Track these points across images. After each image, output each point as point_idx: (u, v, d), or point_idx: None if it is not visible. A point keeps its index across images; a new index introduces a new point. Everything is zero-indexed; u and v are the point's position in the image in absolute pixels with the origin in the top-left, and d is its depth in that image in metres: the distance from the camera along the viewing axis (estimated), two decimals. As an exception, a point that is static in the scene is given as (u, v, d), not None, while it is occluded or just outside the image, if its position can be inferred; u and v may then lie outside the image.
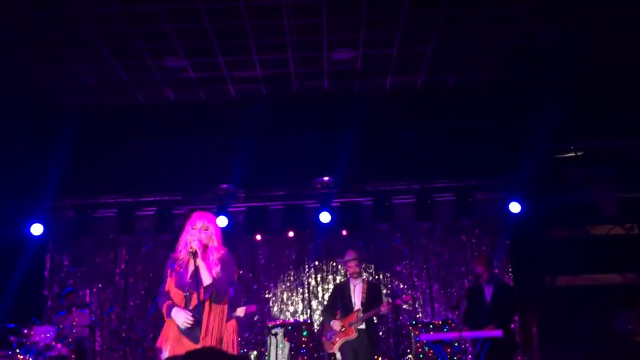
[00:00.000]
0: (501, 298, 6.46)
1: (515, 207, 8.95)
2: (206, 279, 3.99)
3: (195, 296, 4.01)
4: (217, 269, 4.07)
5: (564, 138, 8.92)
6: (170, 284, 4.17)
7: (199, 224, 4.17)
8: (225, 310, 4.16)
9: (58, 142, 8.20)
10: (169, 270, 4.21)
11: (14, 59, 7.65)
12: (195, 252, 4.02)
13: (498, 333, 5.86)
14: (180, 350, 3.96)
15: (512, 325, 7.87)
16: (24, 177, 8.46)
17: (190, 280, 4.04)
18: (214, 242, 4.17)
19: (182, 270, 4.13)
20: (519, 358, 8.25)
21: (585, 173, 9.12)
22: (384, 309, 6.45)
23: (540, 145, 8.45)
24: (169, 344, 4.15)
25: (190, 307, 4.03)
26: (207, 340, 4.00)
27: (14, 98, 8.50)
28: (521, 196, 8.99)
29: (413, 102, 9.00)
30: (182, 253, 4.18)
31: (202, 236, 4.11)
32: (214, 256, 4.12)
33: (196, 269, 4.01)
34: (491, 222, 9.51)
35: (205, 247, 4.09)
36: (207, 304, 4.03)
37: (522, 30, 7.48)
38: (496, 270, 9.31)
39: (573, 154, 9.21)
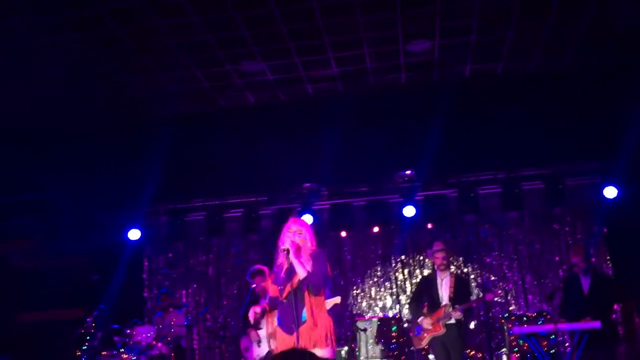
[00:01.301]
0: (599, 289, 6.16)
1: (611, 192, 8.51)
2: (301, 273, 4.34)
3: (288, 287, 4.35)
4: (310, 264, 4.40)
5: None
6: (268, 283, 4.67)
7: (293, 228, 4.55)
8: (324, 302, 4.51)
9: (149, 150, 8.62)
10: (266, 272, 4.58)
11: (105, 75, 8.11)
12: (288, 249, 4.36)
13: (596, 324, 5.59)
14: (279, 345, 4.44)
15: (614, 317, 7.50)
16: (120, 186, 8.94)
17: (284, 276, 4.41)
18: (307, 244, 4.51)
19: (277, 270, 4.54)
20: (622, 350, 7.83)
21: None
22: (475, 304, 6.28)
23: (635, 126, 7.98)
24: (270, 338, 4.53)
25: (284, 298, 4.39)
26: (303, 330, 4.24)
27: (108, 112, 9.02)
28: (617, 180, 8.53)
29: (494, 89, 8.77)
30: (279, 257, 4.57)
31: (296, 238, 4.47)
32: (307, 254, 4.46)
33: (290, 266, 4.35)
34: (585, 208, 9.09)
35: (298, 248, 4.43)
36: (306, 294, 4.37)
37: (607, 12, 7.12)
38: (593, 259, 8.89)
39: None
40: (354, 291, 9.70)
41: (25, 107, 8.55)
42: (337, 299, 6.13)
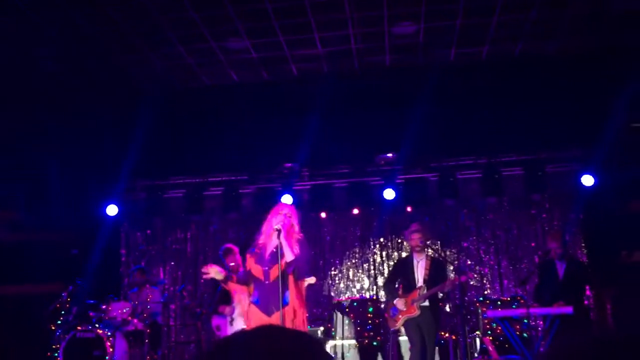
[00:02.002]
0: (574, 275, 6.27)
1: (588, 180, 8.61)
2: (288, 256, 4.44)
3: (275, 269, 4.41)
4: (297, 248, 4.52)
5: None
6: (250, 263, 4.66)
7: (284, 210, 4.68)
8: (304, 289, 4.61)
9: (130, 126, 8.52)
10: (247, 255, 4.73)
11: (91, 49, 7.97)
12: (280, 230, 4.48)
13: (568, 310, 5.69)
14: (255, 323, 4.39)
15: (586, 302, 7.63)
16: (101, 160, 8.86)
17: (269, 257, 4.48)
18: (295, 228, 4.66)
19: (260, 251, 4.60)
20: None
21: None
22: (448, 286, 6.36)
23: (614, 115, 8.06)
24: (243, 317, 4.55)
25: (270, 280, 4.43)
26: (285, 312, 4.30)
27: (92, 85, 8.88)
28: (595, 168, 8.63)
29: (478, 74, 8.77)
30: (262, 237, 4.67)
31: (286, 221, 4.59)
32: (294, 238, 4.59)
33: (279, 246, 4.44)
34: (563, 196, 9.20)
35: (288, 230, 4.56)
36: (290, 278, 4.46)
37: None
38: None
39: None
40: (332, 272, 9.75)
41: (16, 79, 8.38)
42: (312, 279, 6.16)
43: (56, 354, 6.83)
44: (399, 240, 9.64)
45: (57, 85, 8.61)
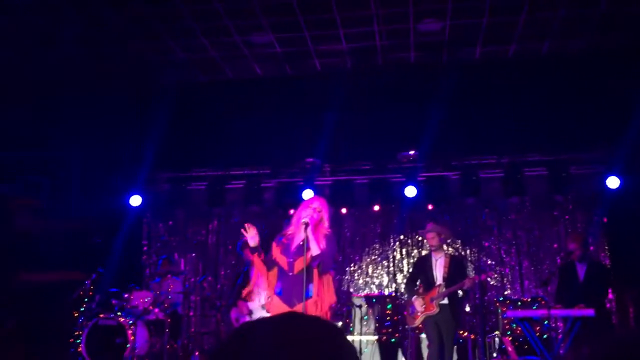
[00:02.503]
0: (595, 277, 6.21)
1: (613, 182, 8.50)
2: (314, 250, 4.44)
3: (300, 261, 4.42)
4: (323, 243, 4.52)
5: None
6: (275, 252, 4.66)
7: (315, 204, 4.66)
8: (330, 282, 4.62)
9: (154, 117, 8.60)
10: (274, 243, 4.72)
11: (115, 40, 8.06)
12: (307, 223, 4.46)
13: (589, 312, 5.64)
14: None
15: (608, 305, 7.55)
16: (125, 150, 8.95)
17: (295, 249, 4.49)
18: (325, 224, 4.64)
19: (287, 242, 4.59)
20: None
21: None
22: (467, 284, 6.35)
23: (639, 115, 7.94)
24: (262, 309, 4.59)
25: (294, 272, 4.46)
26: (308, 305, 4.32)
27: (117, 75, 8.97)
28: (620, 170, 8.51)
29: (504, 72, 8.69)
30: (291, 228, 4.67)
31: (315, 215, 4.58)
32: (322, 233, 4.57)
33: (305, 239, 4.42)
34: (586, 197, 9.09)
35: (316, 225, 4.54)
36: (315, 272, 4.46)
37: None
38: (592, 248, 8.91)
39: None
40: (352, 267, 9.76)
41: (37, 66, 8.51)
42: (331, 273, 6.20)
43: (79, 341, 6.95)
44: (419, 238, 9.61)
45: (79, 73, 8.72)
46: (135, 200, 9.21)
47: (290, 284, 4.49)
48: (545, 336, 7.00)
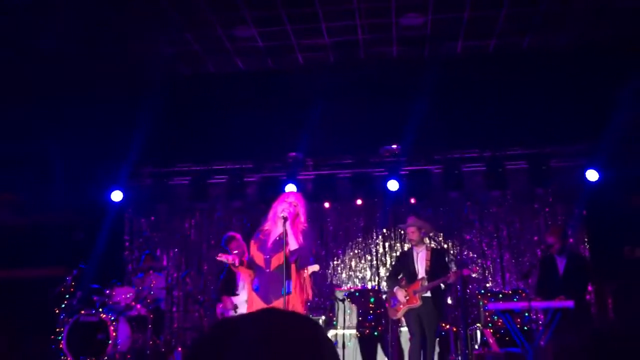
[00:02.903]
0: (574, 270, 6.28)
1: (592, 176, 8.60)
2: (293, 244, 4.42)
3: (276, 258, 4.42)
4: (300, 238, 4.50)
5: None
6: (253, 249, 4.64)
7: (291, 199, 4.65)
8: (305, 278, 4.59)
9: (137, 112, 8.53)
10: (252, 240, 4.70)
11: (97, 33, 7.97)
12: (286, 217, 4.45)
13: (569, 304, 5.72)
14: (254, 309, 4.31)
15: (588, 297, 7.65)
16: (106, 145, 8.86)
17: (272, 246, 4.47)
18: (301, 218, 4.62)
19: (264, 238, 4.57)
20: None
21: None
22: (451, 279, 6.40)
23: (620, 110, 8.04)
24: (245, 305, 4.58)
25: (271, 269, 4.43)
26: (288, 300, 4.31)
27: (98, 70, 8.87)
28: (600, 164, 8.61)
29: (484, 66, 8.75)
30: (267, 224, 4.64)
31: (292, 209, 4.56)
32: (299, 228, 4.56)
33: (283, 234, 4.41)
34: (567, 190, 9.20)
35: (293, 219, 4.51)
36: (293, 267, 4.44)
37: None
38: (571, 241, 9.02)
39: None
40: (335, 262, 9.79)
41: (20, 60, 8.39)
42: (316, 267, 6.19)
43: (60, 337, 6.89)
44: (402, 232, 9.66)
45: (61, 68, 8.61)
46: (117, 196, 9.14)
47: (266, 281, 4.47)
48: (526, 328, 7.08)
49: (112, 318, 7.01)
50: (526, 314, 6.96)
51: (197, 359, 1.03)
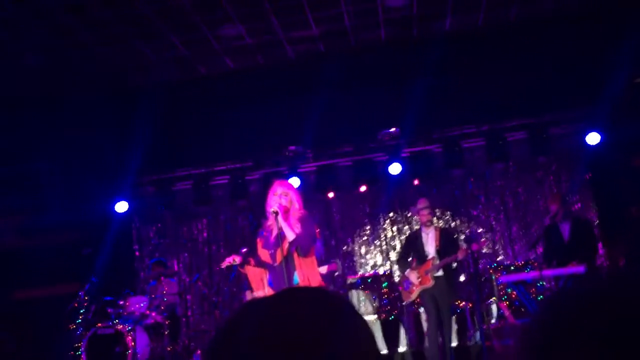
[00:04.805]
0: (580, 235, 6.27)
1: (593, 139, 8.55)
2: (290, 236, 4.41)
3: (279, 252, 4.39)
4: (298, 227, 4.47)
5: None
6: (259, 247, 4.68)
7: (279, 190, 4.61)
8: (315, 263, 4.59)
9: (132, 121, 8.53)
10: (258, 239, 4.73)
11: (83, 44, 7.95)
12: (277, 212, 4.44)
13: (580, 269, 5.72)
14: None
15: (599, 261, 7.64)
16: (104, 158, 8.89)
17: (274, 240, 4.46)
18: (295, 205, 4.58)
19: (267, 234, 4.57)
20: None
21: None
22: (460, 255, 6.40)
23: (616, 72, 7.99)
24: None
25: (277, 262, 4.42)
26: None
27: (90, 82, 8.87)
28: (599, 126, 8.57)
29: (476, 41, 8.71)
30: (268, 220, 4.63)
31: (283, 201, 4.54)
32: (295, 217, 4.53)
33: (279, 229, 4.42)
34: (569, 156, 9.16)
35: (286, 210, 4.50)
36: (295, 257, 4.44)
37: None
38: (578, 205, 9.00)
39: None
40: (345, 250, 9.79)
41: (6, 76, 8.38)
42: (334, 266, 6.23)
43: (79, 352, 6.93)
44: (409, 214, 9.65)
45: (47, 84, 8.61)
46: (122, 207, 9.15)
47: (276, 275, 4.51)
48: (540, 297, 7.08)
49: (129, 328, 7.04)
50: (539, 283, 6.95)
51: (222, 340, 0.99)
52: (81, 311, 7.20)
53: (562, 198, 6.45)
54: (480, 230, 9.42)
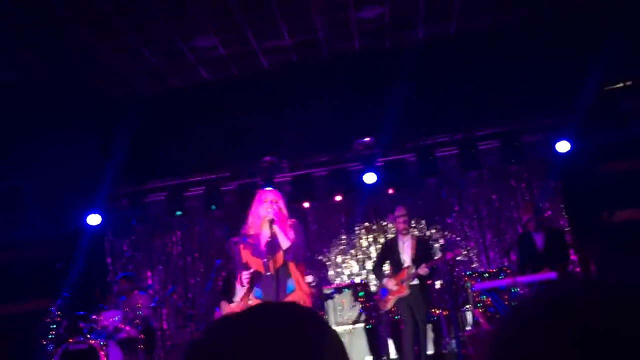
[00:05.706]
0: (553, 245, 6.36)
1: (563, 146, 8.69)
2: (284, 243, 4.36)
3: (274, 259, 4.36)
4: (291, 234, 4.44)
5: (613, 70, 8.54)
6: (246, 255, 4.51)
7: (269, 197, 4.57)
8: (304, 271, 4.61)
9: (105, 134, 8.45)
10: (241, 246, 4.56)
11: (54, 58, 7.86)
12: (273, 219, 4.39)
13: (552, 275, 5.80)
14: None
15: (571, 267, 7.74)
16: (76, 171, 8.77)
17: (266, 248, 4.36)
18: (284, 213, 4.59)
19: (255, 242, 4.46)
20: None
21: (637, 103, 8.74)
22: (436, 264, 6.44)
23: (587, 80, 8.15)
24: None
25: (271, 271, 4.35)
26: (293, 299, 4.27)
27: (60, 95, 8.75)
28: (570, 134, 8.71)
29: (448, 50, 8.80)
30: (251, 227, 4.54)
31: (274, 207, 4.49)
32: (287, 224, 4.52)
33: (273, 236, 4.35)
34: (540, 164, 9.30)
35: (280, 218, 4.48)
36: (291, 265, 4.40)
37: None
38: (549, 213, 9.12)
39: (622, 85, 8.83)
40: (321, 260, 9.79)
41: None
42: (309, 278, 6.20)
43: (51, 369, 6.81)
44: (384, 223, 9.70)
45: (19, 97, 8.49)
46: (94, 219, 9.02)
47: (268, 284, 4.40)
48: (514, 304, 7.15)
49: (102, 343, 6.93)
50: (513, 290, 7.03)
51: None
52: (52, 327, 7.08)
53: (534, 207, 6.55)
54: (456, 238, 9.49)
